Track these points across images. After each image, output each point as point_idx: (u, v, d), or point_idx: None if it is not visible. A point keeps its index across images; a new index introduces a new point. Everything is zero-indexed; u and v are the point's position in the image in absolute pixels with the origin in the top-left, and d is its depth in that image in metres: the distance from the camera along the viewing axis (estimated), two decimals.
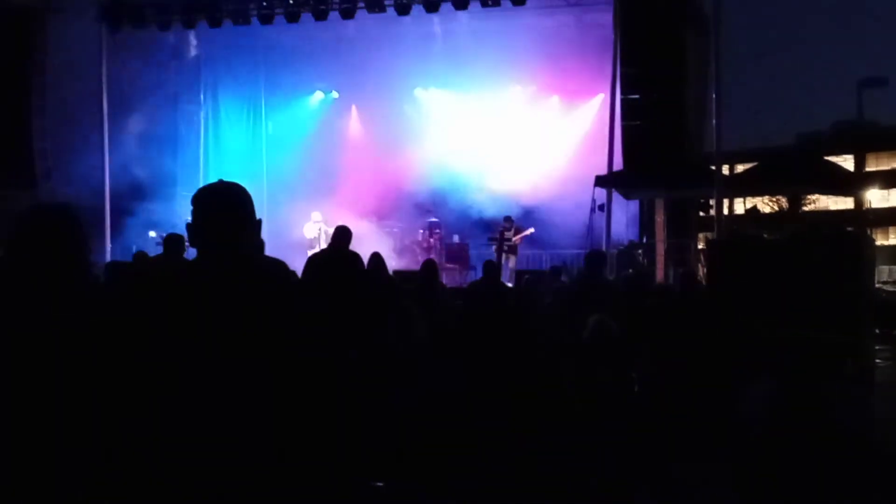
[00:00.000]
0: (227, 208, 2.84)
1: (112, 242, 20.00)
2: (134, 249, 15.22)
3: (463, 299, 10.70)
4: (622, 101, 17.01)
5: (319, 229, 19.91)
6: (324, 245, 19.85)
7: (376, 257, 10.87)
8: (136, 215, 20.98)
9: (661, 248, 18.74)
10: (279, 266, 2.94)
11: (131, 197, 20.99)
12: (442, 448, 4.71)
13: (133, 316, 2.76)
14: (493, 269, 11.17)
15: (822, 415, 6.00)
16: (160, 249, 19.99)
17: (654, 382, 6.78)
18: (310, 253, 19.39)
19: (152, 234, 20.84)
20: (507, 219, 19.99)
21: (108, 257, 19.21)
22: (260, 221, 2.92)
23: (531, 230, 19.98)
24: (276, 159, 25.40)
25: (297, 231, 20.47)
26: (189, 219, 2.86)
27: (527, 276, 14.72)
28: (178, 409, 2.59)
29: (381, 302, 7.14)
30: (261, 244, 7.67)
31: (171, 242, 9.36)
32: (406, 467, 4.80)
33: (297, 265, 13.98)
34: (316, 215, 20.42)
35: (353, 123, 25.34)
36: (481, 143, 23.48)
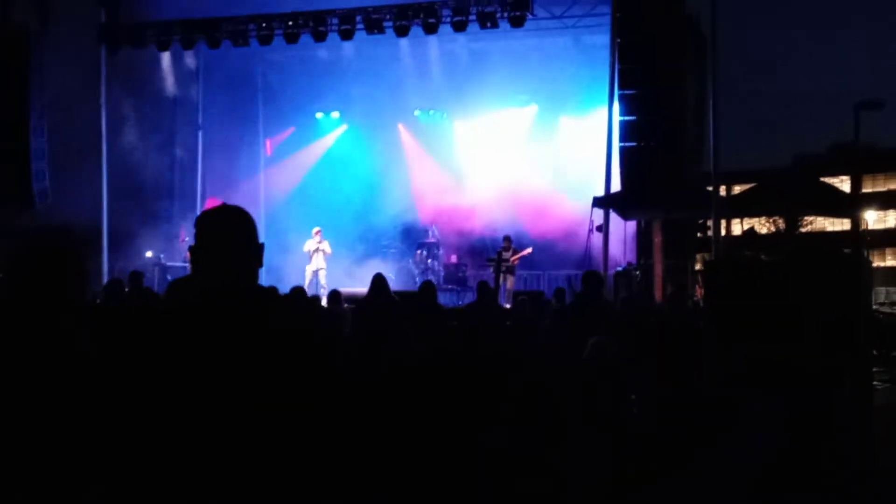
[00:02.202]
0: (229, 234, 2.83)
1: (109, 262, 19.98)
2: (131, 269, 15.19)
3: (458, 321, 10.69)
4: (620, 122, 17.06)
5: (318, 244, 19.96)
6: (320, 260, 19.93)
7: (379, 280, 10.88)
8: (133, 235, 20.98)
9: (658, 270, 18.74)
10: (269, 294, 2.93)
11: (129, 217, 21.00)
12: (439, 467, 4.69)
13: (129, 341, 2.77)
14: (486, 290, 11.16)
15: (821, 436, 5.99)
16: (157, 270, 20.14)
17: (654, 404, 6.76)
18: (308, 269, 19.49)
19: (149, 254, 20.84)
20: (506, 239, 19.98)
21: (105, 278, 19.19)
22: (262, 246, 2.91)
23: (529, 250, 19.96)
24: (274, 179, 25.46)
25: (295, 251, 20.48)
26: (190, 241, 2.87)
27: (521, 298, 14.71)
28: (170, 433, 2.59)
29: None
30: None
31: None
32: (404, 486, 4.78)
33: (295, 281, 14.01)
34: (314, 231, 20.41)
35: (353, 144, 25.38)
36: (480, 163, 23.57)
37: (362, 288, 13.95)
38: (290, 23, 19.51)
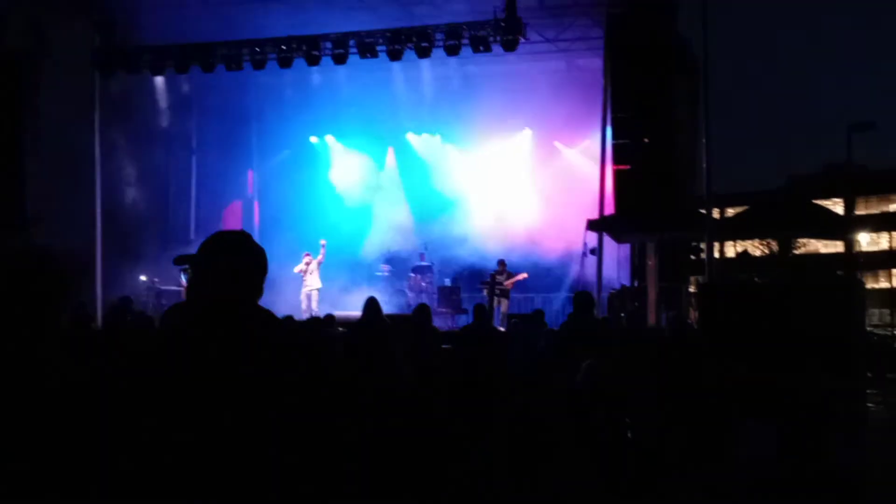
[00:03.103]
0: (230, 261, 2.81)
1: (103, 286, 19.90)
2: (122, 294, 15.12)
3: (453, 343, 10.67)
4: (613, 145, 17.11)
5: (307, 264, 20.02)
6: (310, 280, 19.96)
7: (372, 303, 10.86)
8: (127, 259, 20.91)
9: (652, 292, 18.72)
10: (268, 318, 2.90)
11: (122, 241, 20.94)
12: (431, 489, 4.66)
13: (123, 362, 2.75)
14: (482, 312, 11.14)
15: (817, 458, 5.96)
16: (151, 294, 20.07)
17: (649, 427, 6.73)
18: (303, 292, 19.50)
19: (143, 277, 20.77)
20: (500, 262, 19.98)
21: (100, 301, 19.14)
22: (258, 273, 2.88)
23: (524, 275, 19.93)
24: (267, 203, 25.46)
25: (285, 275, 20.45)
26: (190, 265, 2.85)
27: (514, 321, 14.69)
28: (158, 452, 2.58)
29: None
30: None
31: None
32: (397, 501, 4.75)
33: (285, 306, 14.04)
34: (304, 254, 20.42)
35: (346, 167, 25.39)
36: (474, 186, 23.59)
37: (355, 312, 13.93)
38: (284, 47, 19.56)
